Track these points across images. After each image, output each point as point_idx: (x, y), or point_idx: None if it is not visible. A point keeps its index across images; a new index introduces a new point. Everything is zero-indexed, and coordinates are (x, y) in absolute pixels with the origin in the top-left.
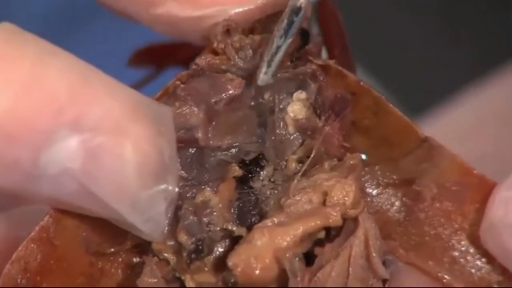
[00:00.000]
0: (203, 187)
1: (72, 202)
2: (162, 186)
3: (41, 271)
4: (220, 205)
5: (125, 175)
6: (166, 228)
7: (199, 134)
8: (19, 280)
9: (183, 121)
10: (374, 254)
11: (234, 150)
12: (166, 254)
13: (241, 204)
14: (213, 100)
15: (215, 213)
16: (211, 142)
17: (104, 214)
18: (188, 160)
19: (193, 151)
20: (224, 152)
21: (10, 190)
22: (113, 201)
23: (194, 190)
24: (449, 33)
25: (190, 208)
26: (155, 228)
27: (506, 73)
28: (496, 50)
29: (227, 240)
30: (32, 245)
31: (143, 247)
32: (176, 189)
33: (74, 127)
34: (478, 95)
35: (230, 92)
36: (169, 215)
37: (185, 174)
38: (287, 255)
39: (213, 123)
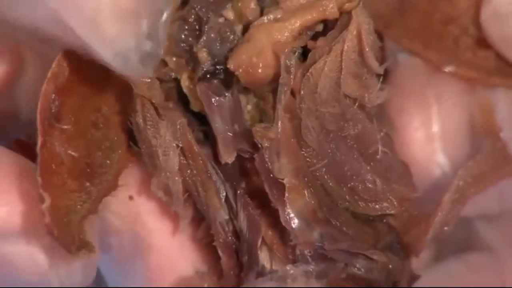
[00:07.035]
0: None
1: (48, 30)
2: (133, 24)
3: (68, 86)
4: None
5: (98, 7)
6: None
7: None
8: (52, 97)
9: None
10: (367, 49)
11: None
12: (164, 57)
13: None
14: None
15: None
16: None
17: (75, 45)
18: None
19: None
20: None
21: None
22: (83, 32)
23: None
24: None
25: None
26: (124, 64)
27: None
28: None
29: None
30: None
31: None
32: (148, 31)
33: None
34: None
35: None
36: (141, 53)
37: None
38: (286, 50)
39: None
